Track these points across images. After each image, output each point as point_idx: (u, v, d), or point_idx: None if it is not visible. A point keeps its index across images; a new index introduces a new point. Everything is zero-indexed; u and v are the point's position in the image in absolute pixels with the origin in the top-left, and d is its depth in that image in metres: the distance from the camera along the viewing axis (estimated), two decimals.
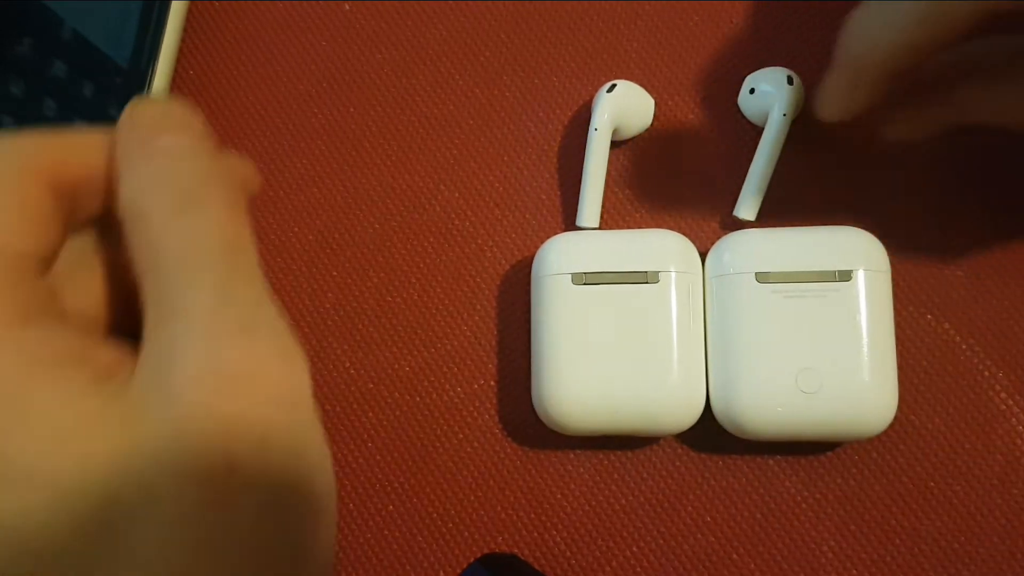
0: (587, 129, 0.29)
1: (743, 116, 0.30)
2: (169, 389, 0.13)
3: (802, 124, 0.29)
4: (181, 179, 0.15)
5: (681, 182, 0.30)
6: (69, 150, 0.16)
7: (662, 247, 0.27)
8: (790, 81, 0.28)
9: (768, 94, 0.28)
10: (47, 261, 0.16)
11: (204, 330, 0.14)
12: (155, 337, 0.14)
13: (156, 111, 0.16)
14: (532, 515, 0.29)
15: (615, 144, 0.29)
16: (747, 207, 0.28)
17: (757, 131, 0.29)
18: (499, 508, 0.29)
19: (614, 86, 0.29)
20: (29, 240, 0.15)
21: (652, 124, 0.30)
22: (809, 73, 0.29)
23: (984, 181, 0.28)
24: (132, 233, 0.15)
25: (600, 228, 0.29)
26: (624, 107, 0.29)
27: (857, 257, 0.26)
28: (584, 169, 0.29)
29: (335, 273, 0.31)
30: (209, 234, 0.15)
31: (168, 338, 0.14)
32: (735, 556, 0.28)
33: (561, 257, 0.27)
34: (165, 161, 0.15)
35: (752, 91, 0.29)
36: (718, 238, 0.28)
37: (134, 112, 0.16)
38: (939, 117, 0.26)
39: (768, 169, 0.28)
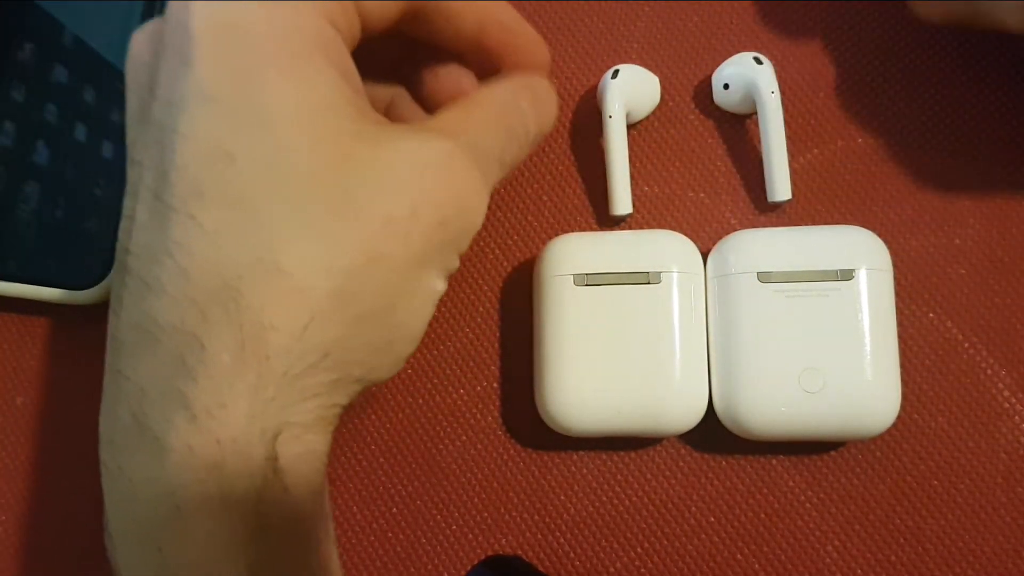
0: (585, 131, 0.29)
1: (732, 114, 0.30)
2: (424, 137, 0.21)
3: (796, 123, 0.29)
4: (517, 131, 0.23)
5: (682, 183, 0.30)
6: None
7: (663, 248, 0.27)
8: (759, 61, 0.28)
9: (747, 81, 0.28)
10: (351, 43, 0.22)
11: (463, 140, 0.21)
12: (431, 122, 0.22)
13: (552, 100, 0.25)
14: (536, 516, 0.29)
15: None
16: (780, 188, 0.28)
17: (752, 124, 0.29)
18: (503, 510, 0.29)
19: (617, 71, 0.29)
20: (344, 24, 0.21)
21: (655, 124, 0.30)
22: (776, 54, 0.29)
23: (985, 178, 0.28)
24: (488, 97, 0.23)
25: (600, 229, 0.29)
26: (631, 88, 0.29)
27: (859, 256, 0.26)
28: (607, 158, 0.29)
29: None
30: (506, 131, 0.23)
31: (437, 125, 0.22)
32: (739, 556, 0.28)
33: (563, 258, 0.27)
34: (525, 119, 0.23)
35: (726, 86, 0.29)
36: (719, 238, 0.28)
37: (544, 85, 0.25)
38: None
39: (782, 144, 0.28)
